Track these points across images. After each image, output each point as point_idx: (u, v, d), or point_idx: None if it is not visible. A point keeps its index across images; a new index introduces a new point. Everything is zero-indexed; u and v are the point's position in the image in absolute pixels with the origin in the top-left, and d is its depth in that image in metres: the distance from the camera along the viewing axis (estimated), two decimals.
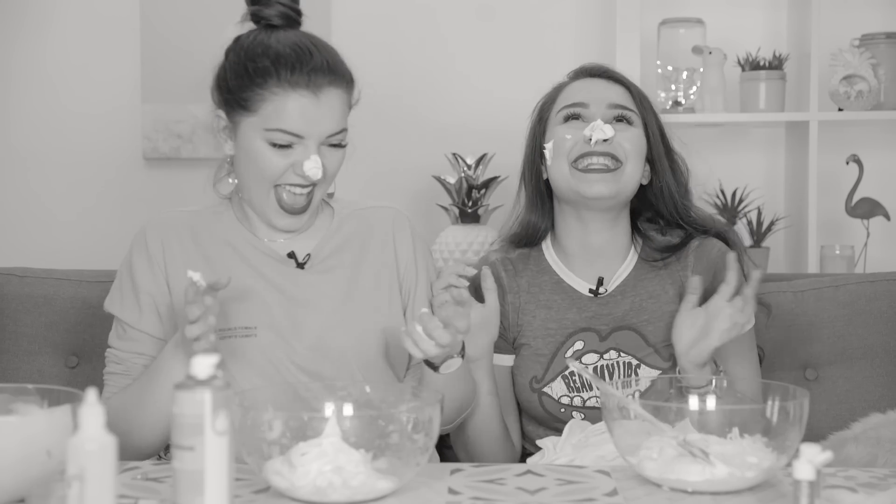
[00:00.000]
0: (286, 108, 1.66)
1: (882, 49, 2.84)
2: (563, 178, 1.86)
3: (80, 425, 1.07)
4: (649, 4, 2.90)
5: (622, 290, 1.90)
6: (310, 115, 1.67)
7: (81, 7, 3.08)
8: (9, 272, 2.26)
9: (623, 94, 1.92)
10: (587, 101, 1.90)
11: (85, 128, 3.08)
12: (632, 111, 1.90)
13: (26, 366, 2.21)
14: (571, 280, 1.92)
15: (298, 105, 1.66)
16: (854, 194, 2.79)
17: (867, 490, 1.33)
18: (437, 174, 2.77)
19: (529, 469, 1.43)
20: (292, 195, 1.71)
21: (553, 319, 1.89)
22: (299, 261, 1.78)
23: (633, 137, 1.87)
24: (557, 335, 1.88)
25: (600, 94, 1.90)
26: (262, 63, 1.68)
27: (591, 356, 1.87)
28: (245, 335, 1.71)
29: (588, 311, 1.89)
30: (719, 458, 1.32)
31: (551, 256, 1.95)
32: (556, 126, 1.91)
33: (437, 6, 3.04)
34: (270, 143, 1.68)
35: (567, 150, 1.86)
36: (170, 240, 1.77)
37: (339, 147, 1.72)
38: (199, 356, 1.15)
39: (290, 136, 1.67)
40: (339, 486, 1.26)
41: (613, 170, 1.84)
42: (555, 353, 1.88)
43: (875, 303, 2.17)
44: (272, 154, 1.68)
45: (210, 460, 1.13)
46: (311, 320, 1.74)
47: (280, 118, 1.66)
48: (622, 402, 1.38)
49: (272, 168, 1.69)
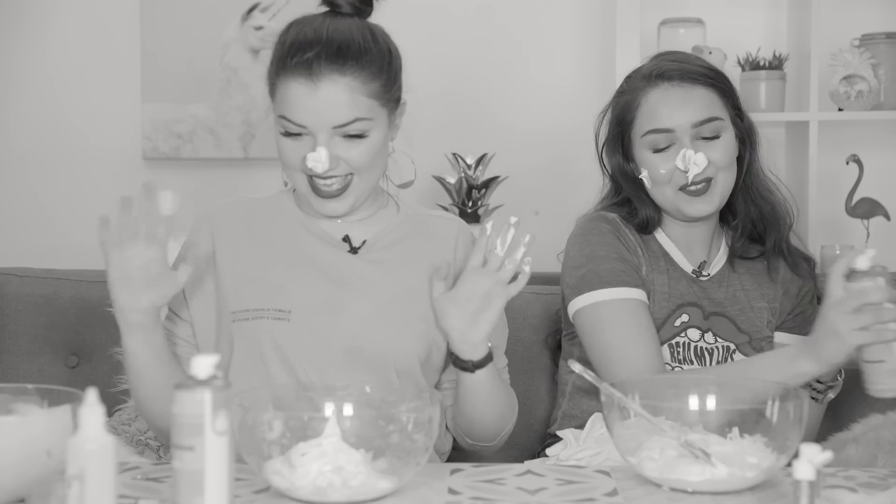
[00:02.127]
0: (287, 95, 1.63)
1: (882, 49, 2.84)
2: (668, 201, 1.90)
3: (80, 425, 1.07)
4: (649, 4, 2.90)
5: (719, 279, 1.94)
6: (307, 104, 1.62)
7: (81, 7, 3.08)
8: (9, 272, 2.26)
9: (707, 99, 1.87)
10: (672, 126, 1.85)
11: (85, 128, 3.08)
12: (718, 119, 1.87)
13: (26, 366, 2.21)
14: (678, 257, 1.94)
15: (296, 93, 1.62)
16: (854, 194, 2.79)
17: (867, 490, 1.33)
18: (437, 174, 2.77)
19: (529, 469, 1.43)
20: (322, 182, 1.66)
21: (667, 286, 1.91)
22: (353, 245, 1.73)
23: (723, 147, 1.87)
24: (670, 302, 1.90)
25: (684, 116, 1.85)
26: (277, 50, 1.66)
27: (694, 332, 1.89)
28: (277, 318, 1.66)
29: (693, 288, 1.92)
30: (719, 458, 1.32)
31: (661, 235, 1.96)
32: (644, 151, 1.89)
33: (437, 6, 3.04)
34: (281, 131, 1.66)
35: (666, 180, 1.87)
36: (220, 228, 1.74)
37: (360, 138, 1.65)
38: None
39: (295, 126, 1.64)
40: (339, 486, 1.26)
41: (706, 188, 1.86)
42: (665, 319, 1.89)
43: None
44: (284, 143, 1.66)
45: (210, 460, 1.13)
46: (353, 308, 1.68)
47: (284, 106, 1.64)
48: (622, 402, 1.38)
49: (287, 157, 1.66)
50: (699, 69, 1.89)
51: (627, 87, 1.93)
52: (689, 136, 1.85)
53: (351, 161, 1.65)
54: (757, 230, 1.97)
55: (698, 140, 1.85)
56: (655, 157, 1.87)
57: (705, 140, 1.86)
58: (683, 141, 1.85)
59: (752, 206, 1.95)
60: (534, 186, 2.99)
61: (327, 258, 1.72)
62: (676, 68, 1.88)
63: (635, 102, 1.90)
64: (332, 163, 1.63)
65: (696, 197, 1.86)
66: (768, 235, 1.95)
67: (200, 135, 3.02)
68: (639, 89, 1.90)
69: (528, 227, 1.69)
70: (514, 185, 2.89)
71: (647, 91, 1.88)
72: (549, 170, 3.01)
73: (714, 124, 1.86)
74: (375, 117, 1.66)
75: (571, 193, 2.99)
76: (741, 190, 1.94)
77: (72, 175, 3.08)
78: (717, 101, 1.88)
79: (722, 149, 1.86)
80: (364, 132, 1.65)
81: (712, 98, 1.87)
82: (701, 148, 1.85)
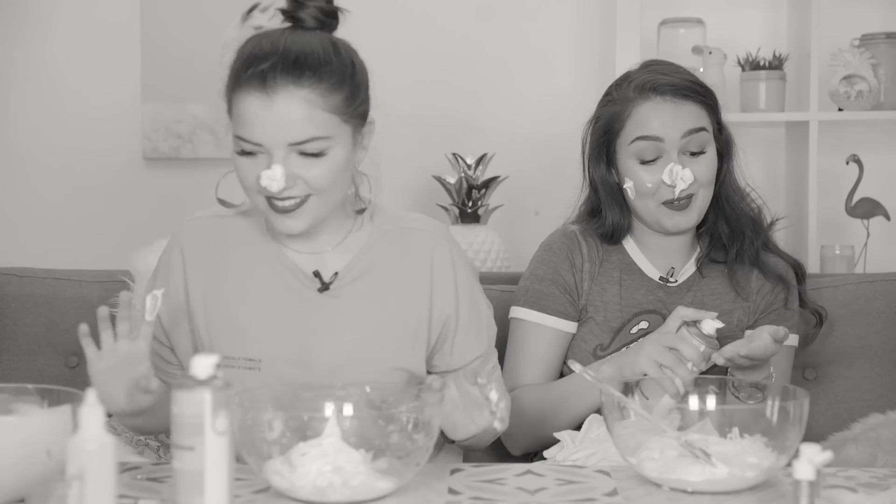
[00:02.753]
0: (242, 111, 1.54)
1: (882, 49, 2.84)
2: (649, 213, 1.91)
3: (80, 425, 1.07)
4: (649, 4, 2.90)
5: (688, 284, 1.95)
6: (262, 119, 1.52)
7: (81, 7, 3.08)
8: (9, 272, 2.26)
9: (696, 113, 1.89)
10: (661, 135, 1.87)
11: (85, 128, 3.08)
12: (705, 131, 1.89)
13: (26, 366, 2.21)
14: (643, 265, 1.96)
15: (249, 108, 1.53)
16: (854, 194, 2.79)
17: (867, 490, 1.33)
18: (437, 174, 2.77)
19: (529, 469, 1.43)
20: (278, 200, 1.57)
21: (622, 296, 1.93)
22: (324, 281, 1.66)
23: (706, 163, 1.89)
24: (625, 311, 1.93)
25: (674, 127, 1.87)
26: (234, 64, 1.58)
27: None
28: (248, 367, 1.63)
29: (655, 296, 1.94)
30: (719, 458, 1.32)
31: (630, 244, 1.98)
32: (630, 161, 1.90)
33: (438, 6, 3.04)
34: (237, 150, 1.57)
35: (651, 193, 1.89)
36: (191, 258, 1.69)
37: (318, 156, 1.55)
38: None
39: (249, 144, 1.54)
40: (339, 486, 1.26)
41: (687, 203, 1.88)
42: (622, 326, 1.92)
43: (874, 303, 2.17)
44: (241, 162, 1.57)
45: (210, 460, 1.13)
46: (324, 355, 1.64)
47: (239, 123, 1.55)
48: (622, 401, 1.38)
49: (243, 177, 1.57)
50: (690, 84, 1.90)
51: (617, 97, 1.93)
52: (678, 149, 1.87)
53: (309, 181, 1.55)
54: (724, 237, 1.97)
55: (685, 155, 1.88)
56: (642, 169, 1.89)
57: (692, 156, 1.88)
58: (671, 154, 1.86)
59: (721, 214, 1.96)
60: (534, 186, 2.99)
61: (297, 299, 1.66)
62: (668, 82, 1.89)
63: (625, 113, 1.90)
64: (288, 181, 1.54)
65: (676, 212, 1.89)
66: (732, 244, 1.95)
67: (200, 135, 3.02)
68: (629, 100, 1.90)
69: (529, 226, 1.69)
70: (514, 185, 2.89)
71: (638, 102, 1.89)
72: (549, 170, 3.01)
73: (701, 136, 1.88)
74: (336, 134, 1.56)
75: (571, 194, 2.99)
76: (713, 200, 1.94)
77: (72, 175, 3.08)
78: (704, 115, 1.90)
79: (706, 165, 1.89)
80: (323, 150, 1.55)
81: (700, 113, 1.90)
82: (687, 163, 1.87)
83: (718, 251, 1.97)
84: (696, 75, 1.96)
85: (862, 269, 2.82)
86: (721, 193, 1.95)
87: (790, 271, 2.00)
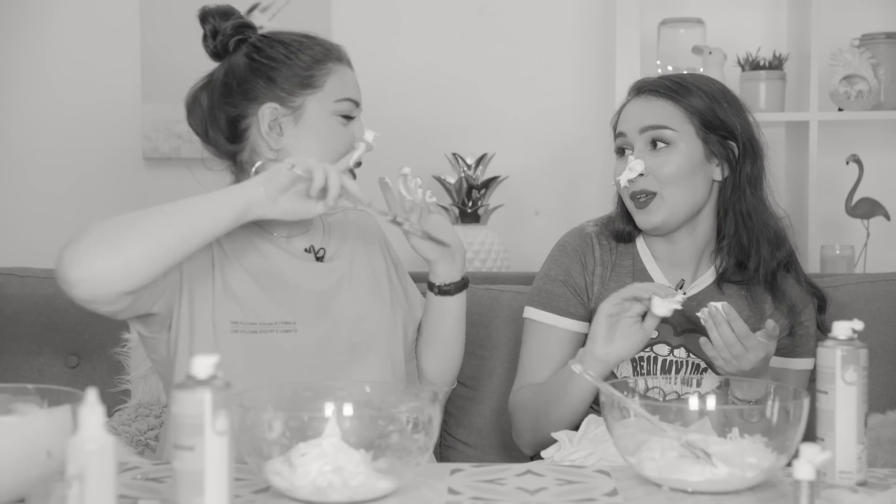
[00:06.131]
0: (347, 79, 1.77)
1: (882, 49, 2.84)
2: (629, 209, 1.93)
3: (80, 425, 1.07)
4: (649, 4, 2.90)
5: (700, 299, 1.90)
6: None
7: (81, 7, 3.09)
8: (9, 272, 2.26)
9: (663, 110, 1.89)
10: (625, 130, 1.91)
11: (85, 128, 3.08)
12: (667, 129, 1.88)
13: (26, 366, 2.21)
14: (654, 272, 1.95)
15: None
16: (854, 194, 2.79)
17: (867, 490, 1.33)
18: (437, 174, 2.77)
19: (529, 469, 1.43)
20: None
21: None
22: (317, 255, 1.80)
23: (670, 159, 1.87)
24: None
25: (635, 120, 1.90)
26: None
27: (663, 347, 1.91)
28: (285, 330, 1.71)
29: None
30: (719, 458, 1.32)
31: (643, 248, 1.98)
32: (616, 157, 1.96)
33: (438, 6, 3.04)
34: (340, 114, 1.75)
35: (621, 187, 1.92)
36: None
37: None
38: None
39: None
40: (339, 486, 1.26)
41: (648, 201, 1.88)
42: None
43: (874, 303, 2.17)
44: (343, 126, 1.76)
45: (210, 460, 1.13)
46: (345, 306, 1.77)
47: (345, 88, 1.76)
48: (622, 402, 1.38)
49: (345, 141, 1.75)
50: (663, 82, 1.91)
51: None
52: (641, 142, 1.88)
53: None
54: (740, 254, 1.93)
55: (647, 148, 1.88)
56: (618, 164, 1.93)
57: (654, 150, 1.88)
58: (635, 147, 1.88)
59: (743, 229, 1.91)
60: (534, 186, 3.00)
61: (305, 270, 1.78)
62: (649, 82, 1.93)
63: (619, 114, 1.96)
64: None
65: (639, 209, 1.89)
66: (748, 263, 1.91)
67: None
68: (623, 104, 1.97)
69: (529, 226, 1.70)
70: (514, 185, 2.89)
71: (626, 104, 1.95)
72: (549, 170, 3.01)
73: (661, 132, 1.87)
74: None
75: (571, 193, 3.00)
76: (727, 211, 1.92)
77: (72, 175, 3.09)
78: (677, 114, 1.88)
79: (671, 162, 1.87)
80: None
81: (671, 111, 1.88)
82: (647, 156, 1.87)
83: (735, 271, 1.93)
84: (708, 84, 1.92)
85: (862, 269, 2.82)
86: (735, 206, 1.91)
87: (808, 301, 1.96)
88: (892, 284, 2.19)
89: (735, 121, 1.91)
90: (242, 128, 1.77)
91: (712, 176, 1.91)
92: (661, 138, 1.87)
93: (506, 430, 2.18)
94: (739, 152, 1.90)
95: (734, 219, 1.91)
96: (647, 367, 1.90)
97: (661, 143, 1.87)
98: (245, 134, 1.77)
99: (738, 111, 1.92)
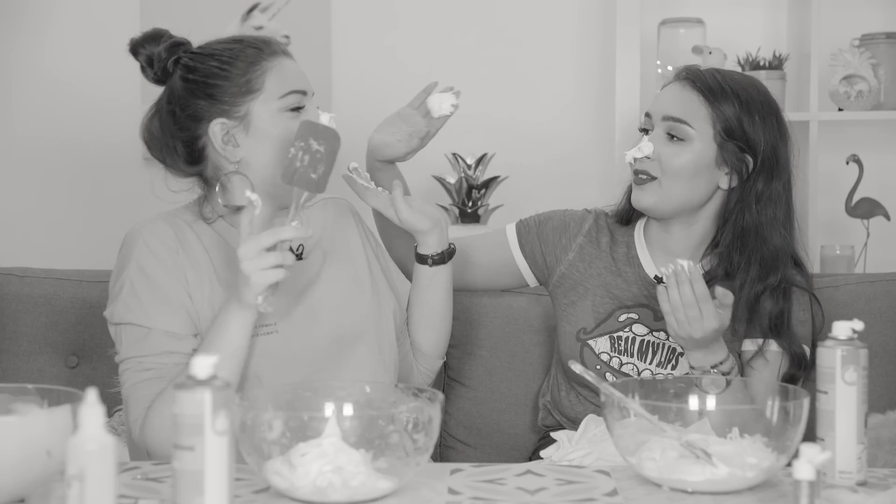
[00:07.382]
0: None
1: (882, 49, 2.84)
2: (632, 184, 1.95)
3: (80, 425, 1.07)
4: (649, 4, 2.90)
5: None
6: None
7: (81, 7, 3.09)
8: (9, 272, 2.26)
9: (691, 104, 1.87)
10: (651, 112, 1.92)
11: (85, 128, 3.08)
12: (685, 124, 1.86)
13: (26, 366, 2.21)
14: (646, 262, 1.96)
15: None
16: (854, 194, 2.79)
17: (867, 490, 1.33)
18: (437, 174, 2.77)
19: (529, 469, 1.43)
20: None
21: (618, 287, 1.95)
22: (297, 254, 1.78)
23: (680, 154, 1.86)
24: (617, 301, 1.94)
25: (662, 106, 1.91)
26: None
27: (641, 328, 1.92)
28: (267, 333, 1.70)
29: (649, 292, 1.94)
30: (719, 458, 1.32)
31: (639, 235, 2.00)
32: None
33: (437, 6, 3.04)
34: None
35: (626, 162, 1.94)
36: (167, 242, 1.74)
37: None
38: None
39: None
40: (339, 486, 1.26)
41: (646, 182, 1.89)
42: (611, 313, 1.94)
43: (875, 303, 2.17)
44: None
45: (210, 460, 1.13)
46: (326, 301, 1.77)
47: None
48: (622, 401, 1.38)
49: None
50: (707, 80, 1.88)
51: None
52: (660, 129, 1.89)
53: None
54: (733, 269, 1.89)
55: (664, 135, 1.88)
56: (637, 141, 1.95)
57: (669, 140, 1.88)
58: (653, 131, 1.90)
59: (738, 243, 1.88)
60: (534, 186, 3.00)
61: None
62: (693, 72, 1.91)
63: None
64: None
65: (637, 185, 1.91)
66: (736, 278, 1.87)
67: None
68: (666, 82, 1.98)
69: None
70: (514, 185, 2.89)
71: (666, 83, 1.96)
72: (549, 169, 3.01)
73: (679, 127, 1.86)
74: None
75: (571, 193, 2.99)
76: (726, 221, 1.89)
77: (72, 175, 3.09)
78: (702, 112, 1.87)
79: (679, 157, 1.86)
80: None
81: (697, 108, 1.87)
82: (660, 143, 1.88)
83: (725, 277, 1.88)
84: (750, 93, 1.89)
85: (862, 269, 2.82)
86: (734, 219, 1.88)
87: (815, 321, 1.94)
88: (893, 284, 2.19)
89: (761, 136, 1.86)
90: (199, 148, 1.76)
91: (718, 182, 1.89)
92: (678, 133, 1.87)
93: (506, 430, 2.19)
94: (754, 167, 1.87)
95: (731, 231, 1.88)
96: (624, 347, 1.91)
97: (677, 137, 1.87)
98: (203, 153, 1.76)
99: (770, 128, 1.88)
